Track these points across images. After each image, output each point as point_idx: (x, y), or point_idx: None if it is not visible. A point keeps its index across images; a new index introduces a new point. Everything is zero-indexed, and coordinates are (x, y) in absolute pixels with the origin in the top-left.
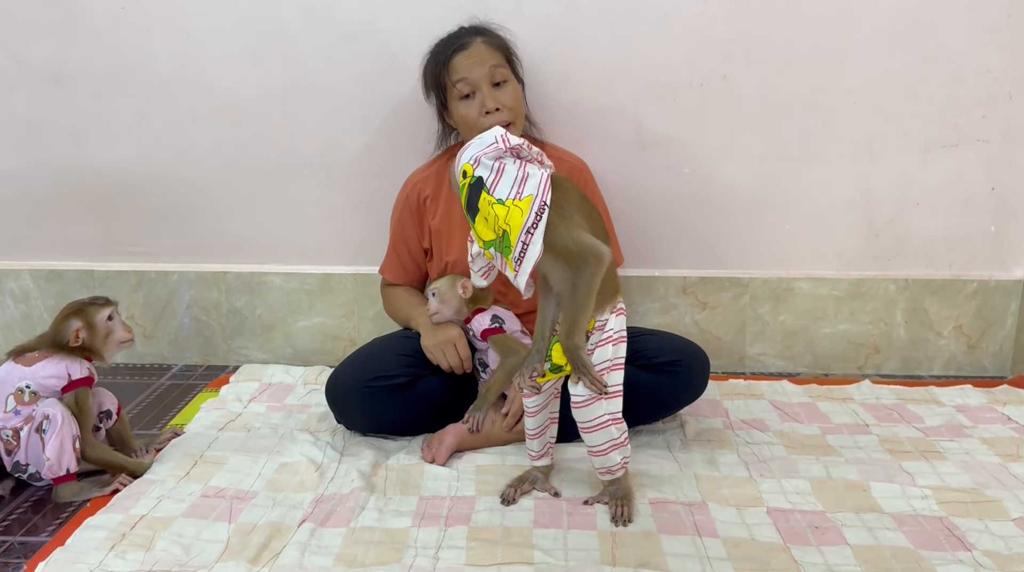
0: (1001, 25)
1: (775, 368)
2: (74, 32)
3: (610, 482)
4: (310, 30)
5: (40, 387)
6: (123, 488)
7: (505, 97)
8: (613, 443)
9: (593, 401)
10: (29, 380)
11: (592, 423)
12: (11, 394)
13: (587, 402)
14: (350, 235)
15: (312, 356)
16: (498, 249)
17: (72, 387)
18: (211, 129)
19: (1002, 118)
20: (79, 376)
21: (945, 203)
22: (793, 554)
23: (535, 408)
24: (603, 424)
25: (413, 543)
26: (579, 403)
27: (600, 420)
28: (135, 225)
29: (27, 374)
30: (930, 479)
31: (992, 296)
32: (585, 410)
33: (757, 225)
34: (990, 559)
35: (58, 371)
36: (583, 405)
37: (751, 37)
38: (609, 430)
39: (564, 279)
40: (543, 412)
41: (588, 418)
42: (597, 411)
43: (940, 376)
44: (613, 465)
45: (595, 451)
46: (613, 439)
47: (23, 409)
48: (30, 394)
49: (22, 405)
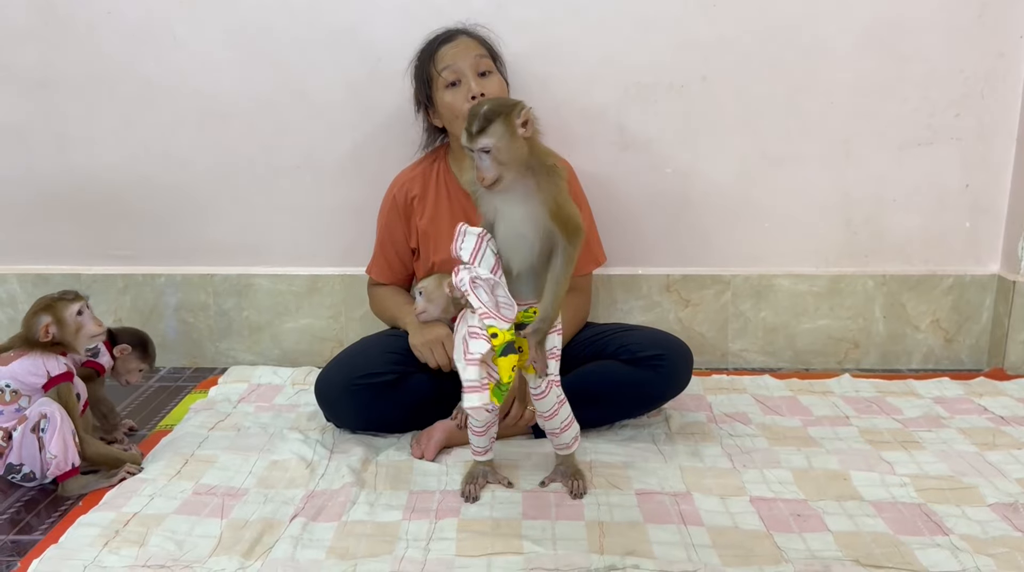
0: (972, 26)
1: (757, 363)
2: (59, 36)
3: (561, 461)
4: (296, 34)
5: (20, 385)
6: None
7: (490, 86)
8: (565, 422)
9: (548, 390)
10: (8, 379)
11: (550, 410)
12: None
13: (544, 393)
14: (337, 237)
15: (300, 357)
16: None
17: (53, 383)
18: (197, 133)
19: (975, 116)
20: (58, 372)
21: (921, 200)
22: (776, 541)
23: None
24: (556, 410)
25: (404, 535)
26: (538, 394)
27: (554, 406)
28: (122, 229)
29: (5, 373)
30: (909, 468)
31: (968, 291)
32: (544, 401)
33: (738, 224)
34: (967, 543)
35: (35, 368)
36: (543, 396)
37: (729, 39)
38: (562, 411)
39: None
40: (490, 413)
41: (547, 407)
42: (552, 399)
43: (918, 369)
44: (570, 440)
45: (555, 431)
46: (564, 419)
47: (6, 408)
48: (11, 393)
49: (3, 404)
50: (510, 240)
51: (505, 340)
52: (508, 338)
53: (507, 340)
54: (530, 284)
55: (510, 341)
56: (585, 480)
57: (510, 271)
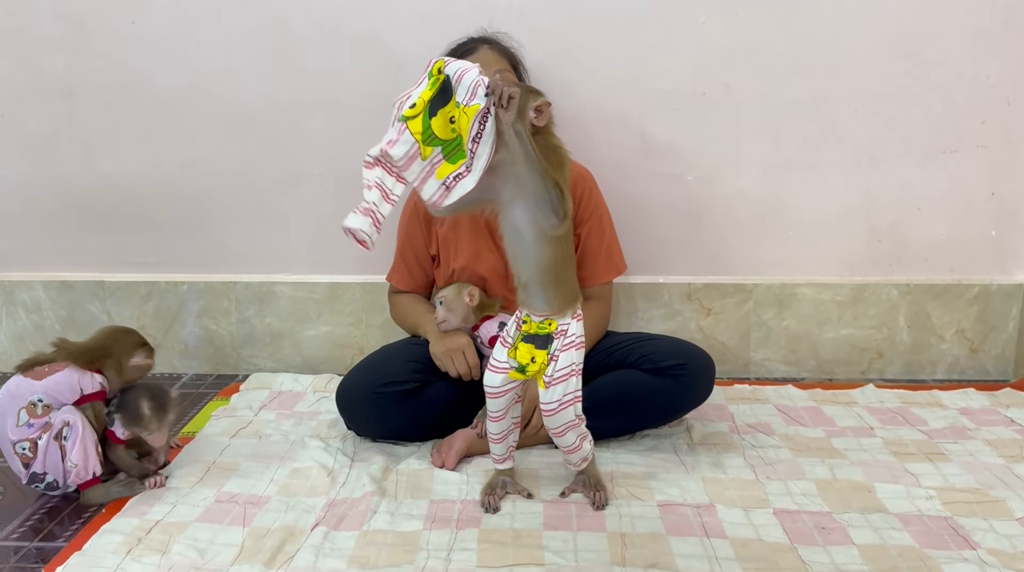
0: (998, 32)
1: (780, 373)
2: (85, 46)
3: (582, 471)
4: (318, 42)
5: (52, 400)
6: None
7: None
8: (581, 436)
9: (562, 408)
10: (41, 393)
11: (563, 427)
12: (23, 408)
13: (557, 409)
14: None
15: (320, 364)
16: (445, 151)
17: (85, 400)
18: (220, 141)
19: (1001, 123)
20: (91, 390)
21: (946, 208)
22: (800, 554)
23: (498, 413)
24: (572, 425)
25: (425, 545)
26: (550, 411)
27: (570, 422)
28: (145, 236)
29: (39, 388)
30: (934, 480)
31: (993, 300)
32: (556, 417)
33: (760, 231)
34: (995, 557)
35: (70, 385)
36: (555, 412)
37: (752, 46)
38: (578, 428)
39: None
40: (506, 417)
41: (559, 423)
42: (565, 417)
43: (943, 380)
44: (586, 454)
45: (569, 448)
46: (581, 434)
47: (36, 421)
48: (43, 408)
49: (35, 418)
50: (512, 246)
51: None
52: (534, 329)
53: (533, 331)
54: (540, 295)
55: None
56: (606, 491)
57: (519, 280)
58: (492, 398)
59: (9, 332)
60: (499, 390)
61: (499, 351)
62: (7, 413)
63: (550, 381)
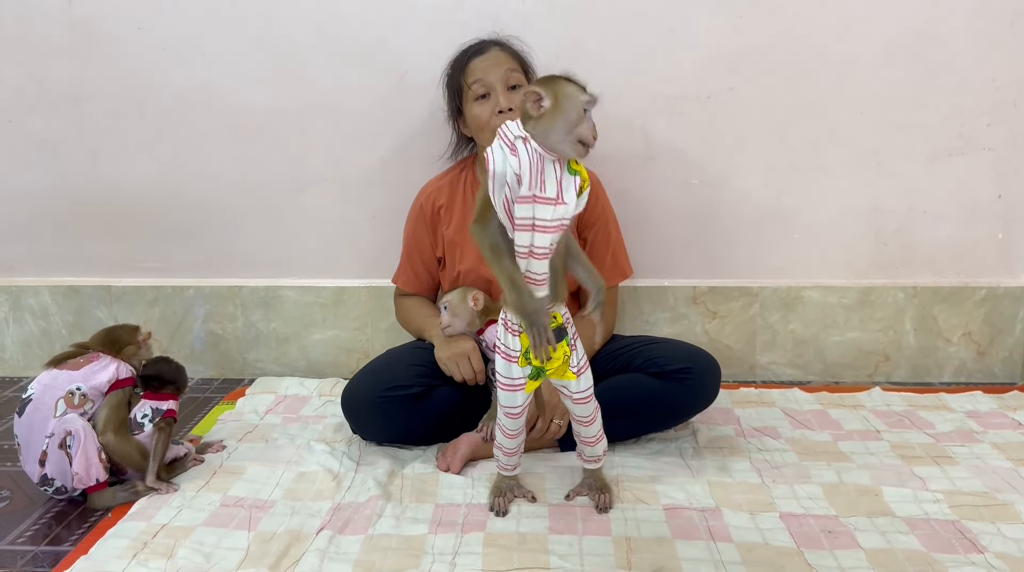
0: (1005, 34)
1: (786, 376)
2: (92, 52)
3: (588, 474)
4: (324, 49)
5: (90, 389)
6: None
7: (519, 100)
8: (601, 428)
9: (591, 397)
10: (80, 383)
11: (590, 416)
12: (61, 398)
13: (588, 397)
14: (363, 249)
15: (326, 368)
16: None
17: (117, 386)
18: (226, 146)
19: (1007, 126)
20: (126, 376)
21: (952, 211)
22: (807, 558)
23: (515, 431)
24: (593, 417)
25: (430, 549)
26: (584, 398)
27: (594, 413)
28: (151, 241)
29: (77, 377)
30: (941, 483)
31: (1000, 303)
32: (586, 405)
33: (766, 235)
34: (1003, 561)
35: (108, 372)
36: (588, 399)
37: (757, 49)
38: (597, 421)
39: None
40: (520, 434)
41: (588, 413)
42: (591, 406)
43: (950, 383)
44: (605, 448)
45: (589, 440)
46: (600, 429)
47: (72, 411)
48: (80, 397)
49: (72, 408)
50: None
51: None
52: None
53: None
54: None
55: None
56: (612, 494)
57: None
58: (512, 418)
59: (16, 337)
60: (519, 409)
61: (508, 368)
62: (43, 405)
63: (578, 370)
